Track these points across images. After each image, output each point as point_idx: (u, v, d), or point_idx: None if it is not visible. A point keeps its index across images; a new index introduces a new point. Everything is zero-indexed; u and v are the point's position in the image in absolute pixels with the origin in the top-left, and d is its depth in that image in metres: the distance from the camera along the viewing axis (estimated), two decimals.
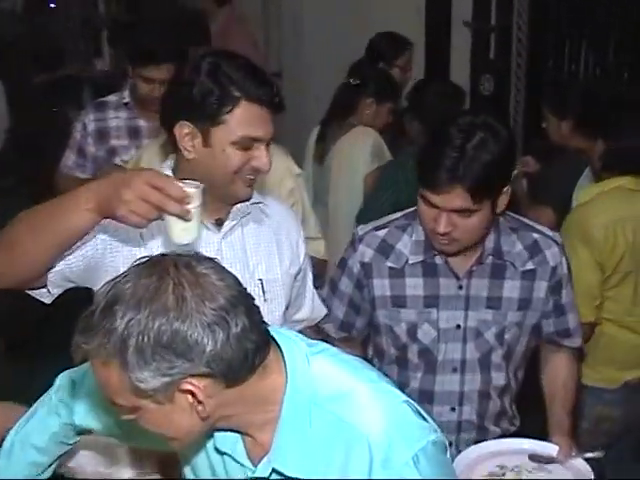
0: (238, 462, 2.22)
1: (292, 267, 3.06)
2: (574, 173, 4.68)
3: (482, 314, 3.05)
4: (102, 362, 1.96)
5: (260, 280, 2.87)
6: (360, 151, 4.92)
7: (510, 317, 3.08)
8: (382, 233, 3.04)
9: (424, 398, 2.98)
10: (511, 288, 3.06)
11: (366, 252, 3.04)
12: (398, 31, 6.42)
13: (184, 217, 2.49)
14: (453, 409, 3.04)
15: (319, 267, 4.01)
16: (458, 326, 3.05)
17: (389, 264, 3.03)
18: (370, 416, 2.13)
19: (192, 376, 2.00)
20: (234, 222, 2.86)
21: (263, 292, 2.88)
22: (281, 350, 2.16)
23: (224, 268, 2.10)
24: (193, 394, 2.02)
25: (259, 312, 2.07)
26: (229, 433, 2.17)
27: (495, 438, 3.12)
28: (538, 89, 6.70)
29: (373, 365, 3.07)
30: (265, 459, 2.15)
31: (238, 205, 2.84)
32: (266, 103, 2.80)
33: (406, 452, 2.07)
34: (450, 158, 2.75)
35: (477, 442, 3.03)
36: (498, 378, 3.08)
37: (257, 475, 2.18)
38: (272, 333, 2.12)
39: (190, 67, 2.86)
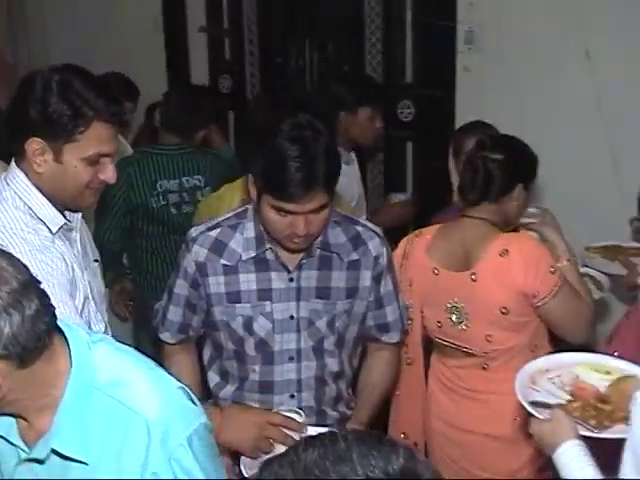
0: (13, 444, 2.19)
1: None
2: None
3: (313, 304, 3.05)
4: None
5: None
6: None
7: (339, 306, 3.09)
8: (215, 233, 3.01)
9: (264, 389, 3.05)
10: (338, 278, 3.07)
11: (200, 251, 3.00)
12: (139, 42, 6.82)
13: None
14: (292, 396, 3.06)
15: None
16: (292, 317, 3.04)
17: (223, 262, 3.00)
18: (148, 401, 2.18)
19: None
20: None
21: None
22: (65, 337, 2.16)
23: (12, 255, 2.11)
24: None
25: (48, 296, 2.06)
26: (4, 417, 2.14)
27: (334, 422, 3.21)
28: (270, 84, 6.96)
29: (213, 362, 3.19)
30: (41, 440, 2.13)
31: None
32: (115, 121, 2.81)
33: (182, 433, 2.14)
34: (300, 170, 2.72)
35: (317, 426, 2.99)
36: (332, 364, 3.10)
37: (33, 456, 2.16)
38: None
39: (40, 84, 2.76)
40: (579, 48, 5.27)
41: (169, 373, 2.32)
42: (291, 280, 3.01)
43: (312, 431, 2.51)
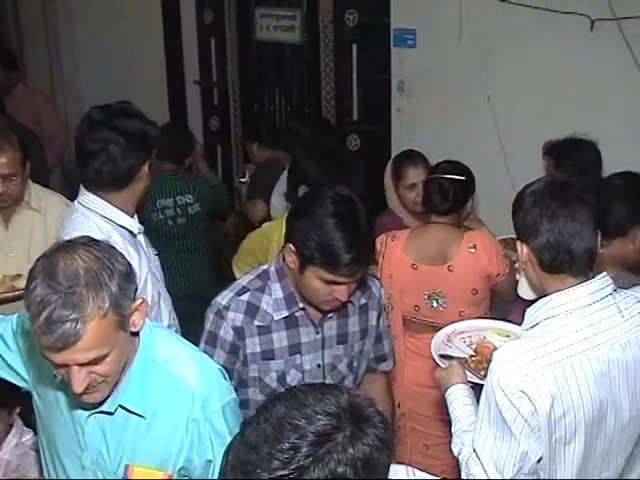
0: None
1: None
2: (274, 175, 5.15)
3: (335, 350, 2.94)
4: (99, 318, 1.98)
5: None
6: None
7: (356, 347, 3.00)
8: (246, 297, 2.82)
9: None
10: (353, 323, 2.96)
11: (236, 317, 2.81)
12: (148, 93, 6.96)
13: None
14: None
15: None
16: (319, 365, 2.92)
17: (257, 323, 2.82)
18: (195, 376, 2.29)
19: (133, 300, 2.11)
20: None
21: None
22: None
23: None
24: (138, 310, 2.15)
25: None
26: None
27: None
28: (251, 123, 7.29)
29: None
30: (111, 398, 2.23)
31: None
32: None
33: (218, 403, 2.26)
34: (353, 248, 2.57)
35: None
36: None
37: (104, 409, 2.26)
38: None
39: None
40: (484, 94, 5.76)
41: None
42: (317, 333, 2.89)
43: None
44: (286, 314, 2.83)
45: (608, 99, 5.31)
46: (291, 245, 2.69)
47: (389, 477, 1.65)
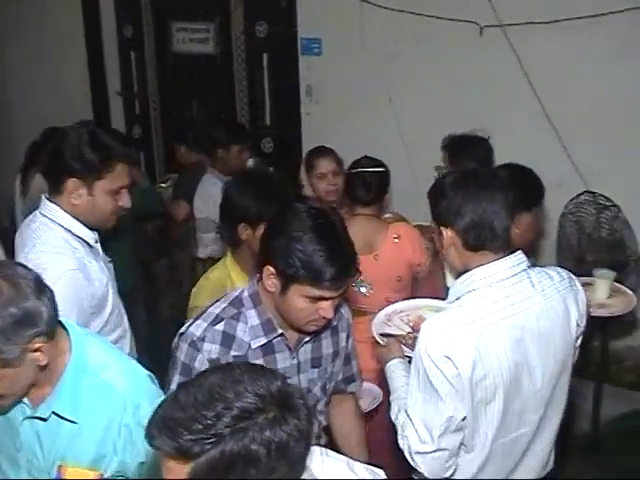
0: (23, 403, 2.22)
1: None
2: (196, 178, 5.21)
3: (310, 374, 2.73)
4: None
5: None
6: None
7: (329, 370, 2.81)
8: (221, 327, 2.55)
9: None
10: (326, 346, 2.77)
11: (212, 348, 2.53)
12: (72, 105, 6.97)
13: None
14: None
15: None
16: None
17: (233, 353, 2.55)
18: (126, 383, 2.25)
19: (38, 336, 2.06)
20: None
21: None
22: (64, 327, 2.23)
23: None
24: (40, 350, 2.09)
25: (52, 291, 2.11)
26: None
27: None
28: (170, 131, 7.30)
29: None
30: (44, 404, 2.20)
31: None
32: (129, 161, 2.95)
33: (148, 408, 2.04)
34: (338, 258, 2.38)
35: None
36: (323, 421, 2.84)
37: (37, 415, 2.22)
38: None
39: (74, 137, 2.90)
40: (386, 96, 5.94)
41: None
42: (293, 358, 2.66)
43: None
44: (264, 341, 2.57)
45: (497, 98, 5.54)
46: (270, 267, 2.44)
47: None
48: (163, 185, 6.11)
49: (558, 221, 5.00)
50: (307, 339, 2.65)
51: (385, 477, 2.05)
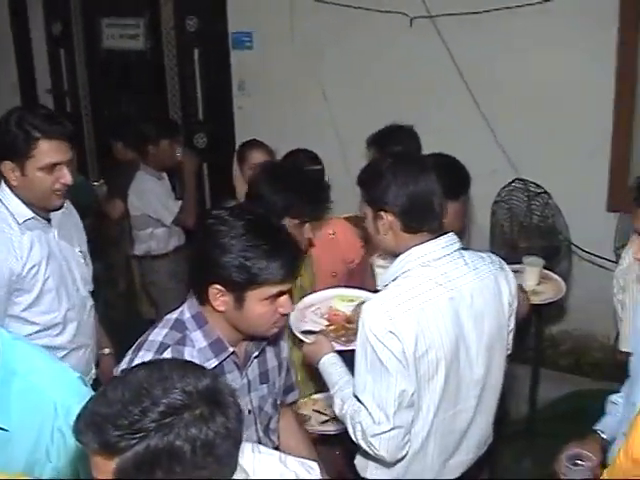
0: None
1: None
2: (130, 174, 5.22)
3: (260, 391, 2.58)
4: None
5: None
6: None
7: (276, 384, 2.67)
8: (168, 354, 2.34)
9: None
10: (270, 358, 2.64)
11: None
12: (1, 104, 6.24)
13: None
14: None
15: None
16: (249, 411, 2.53)
17: None
18: (56, 386, 2.21)
19: None
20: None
21: None
22: None
23: None
24: None
25: None
26: None
27: None
28: (102, 129, 7.19)
29: None
30: None
31: None
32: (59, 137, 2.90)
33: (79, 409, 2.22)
34: (285, 246, 2.31)
35: None
36: (275, 441, 2.67)
37: None
38: None
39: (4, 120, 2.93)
40: (318, 89, 5.95)
41: None
42: (243, 377, 2.51)
43: None
44: (216, 363, 2.38)
45: (427, 88, 5.56)
46: (216, 286, 2.29)
47: None
48: (96, 183, 6.00)
49: (491, 209, 5.03)
50: (256, 354, 2.51)
51: (318, 470, 2.02)
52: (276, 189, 3.16)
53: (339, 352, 2.86)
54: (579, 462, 2.71)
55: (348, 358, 2.73)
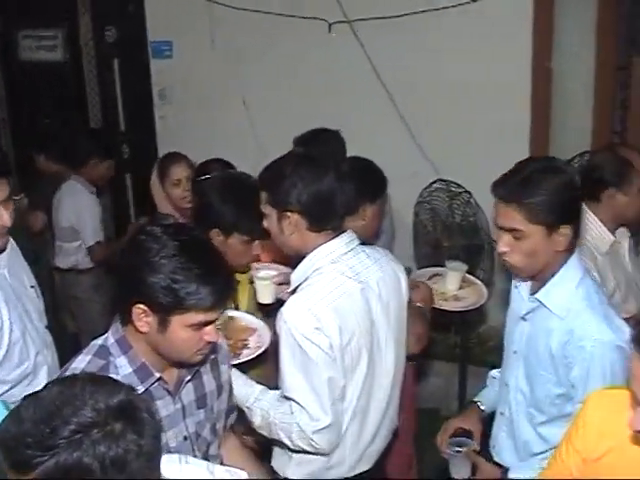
0: None
1: None
2: (55, 186, 5.14)
3: (196, 417, 2.41)
4: None
5: None
6: None
7: (215, 408, 2.50)
8: None
9: None
10: (208, 382, 2.47)
11: None
12: None
13: None
14: None
15: None
16: (185, 438, 2.37)
17: None
18: None
19: None
20: None
21: None
22: None
23: None
24: None
25: None
26: None
27: None
28: (22, 142, 6.94)
29: None
30: None
31: None
32: None
33: None
34: (217, 273, 2.15)
35: None
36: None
37: None
38: None
39: None
40: (239, 97, 5.95)
41: None
42: (175, 403, 2.35)
43: None
44: (142, 390, 2.22)
45: (348, 93, 5.58)
46: (141, 306, 2.14)
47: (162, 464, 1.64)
48: (17, 198, 5.82)
49: (413, 210, 5.05)
50: (188, 378, 2.34)
51: (247, 477, 2.02)
52: (226, 202, 3.09)
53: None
54: (459, 449, 2.83)
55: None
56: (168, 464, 1.65)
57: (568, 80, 5.33)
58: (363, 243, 2.84)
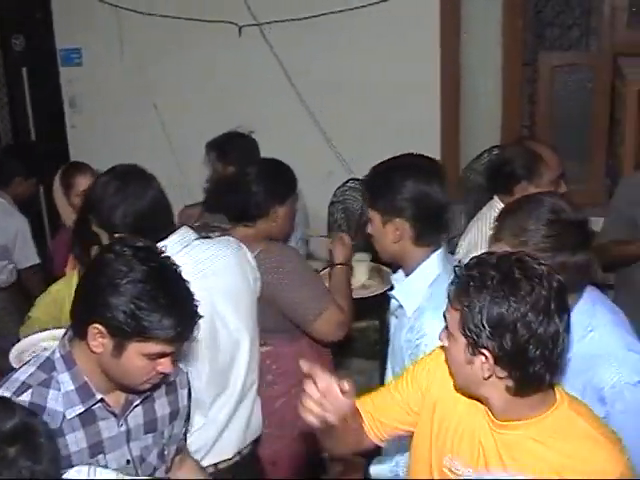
0: None
1: None
2: None
3: (143, 441, 2.29)
4: None
5: None
6: None
7: (166, 433, 2.36)
8: (27, 397, 2.07)
9: None
10: (161, 406, 2.33)
11: None
12: None
13: None
14: None
15: None
16: (128, 461, 2.26)
17: None
18: None
19: None
20: None
21: None
22: None
23: None
24: None
25: None
26: None
27: None
28: None
29: None
30: None
31: None
32: None
33: None
34: (181, 306, 2.04)
35: None
36: None
37: None
38: None
39: None
40: (149, 101, 5.87)
41: None
42: (120, 425, 2.22)
43: None
44: (81, 409, 2.12)
45: (260, 95, 5.57)
46: (98, 326, 2.02)
47: (71, 477, 1.65)
48: None
49: (328, 210, 5.05)
50: (137, 402, 2.22)
51: None
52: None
53: None
54: None
55: None
56: (79, 473, 1.65)
57: (477, 77, 5.39)
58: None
